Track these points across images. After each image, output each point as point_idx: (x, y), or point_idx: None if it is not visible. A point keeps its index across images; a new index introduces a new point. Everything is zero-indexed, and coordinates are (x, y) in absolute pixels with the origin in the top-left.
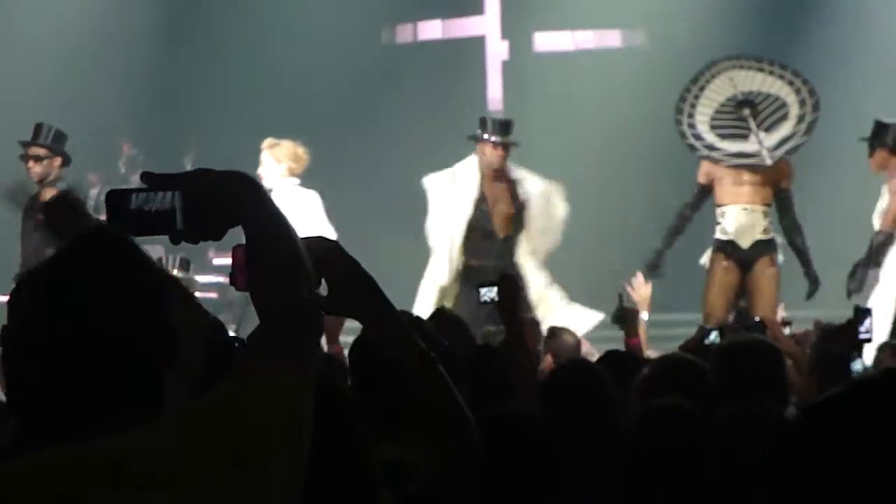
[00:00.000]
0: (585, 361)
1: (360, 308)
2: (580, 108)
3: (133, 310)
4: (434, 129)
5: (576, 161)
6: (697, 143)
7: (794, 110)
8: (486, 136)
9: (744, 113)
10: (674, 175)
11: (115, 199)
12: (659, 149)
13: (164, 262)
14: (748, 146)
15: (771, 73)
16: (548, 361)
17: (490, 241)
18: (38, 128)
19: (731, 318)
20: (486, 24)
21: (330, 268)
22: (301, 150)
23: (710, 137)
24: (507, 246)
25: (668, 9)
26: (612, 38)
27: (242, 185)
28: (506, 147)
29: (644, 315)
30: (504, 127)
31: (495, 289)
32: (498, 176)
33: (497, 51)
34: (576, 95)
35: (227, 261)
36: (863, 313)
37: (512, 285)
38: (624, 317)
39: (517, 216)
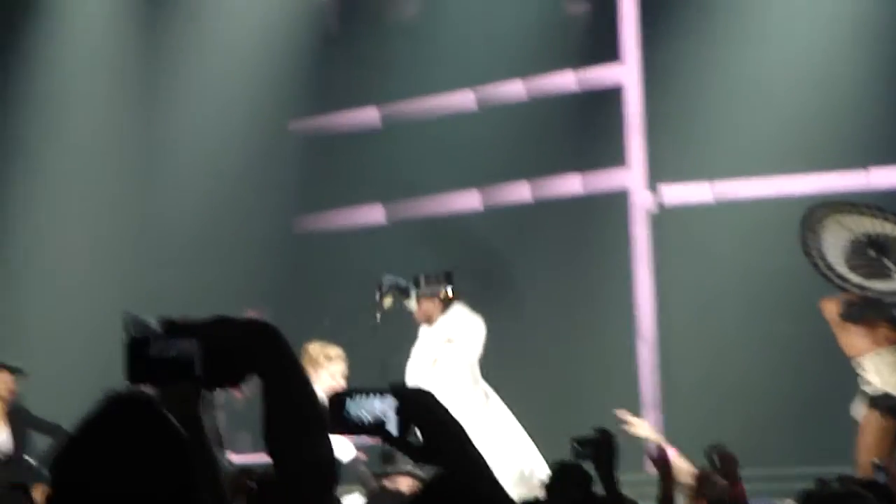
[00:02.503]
0: None
1: (450, 461)
2: (724, 258)
3: (164, 480)
4: (578, 285)
5: (721, 312)
6: (847, 285)
7: None
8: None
9: (871, 254)
10: (813, 322)
11: (136, 347)
12: (803, 292)
13: None
14: (894, 285)
15: (873, 216)
16: None
17: None
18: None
19: None
20: (631, 177)
21: (423, 419)
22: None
23: (856, 279)
24: None
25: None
26: (753, 188)
27: (261, 336)
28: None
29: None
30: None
31: (592, 445)
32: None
33: (642, 203)
34: (720, 246)
35: None
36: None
37: (611, 442)
38: (723, 462)
39: None
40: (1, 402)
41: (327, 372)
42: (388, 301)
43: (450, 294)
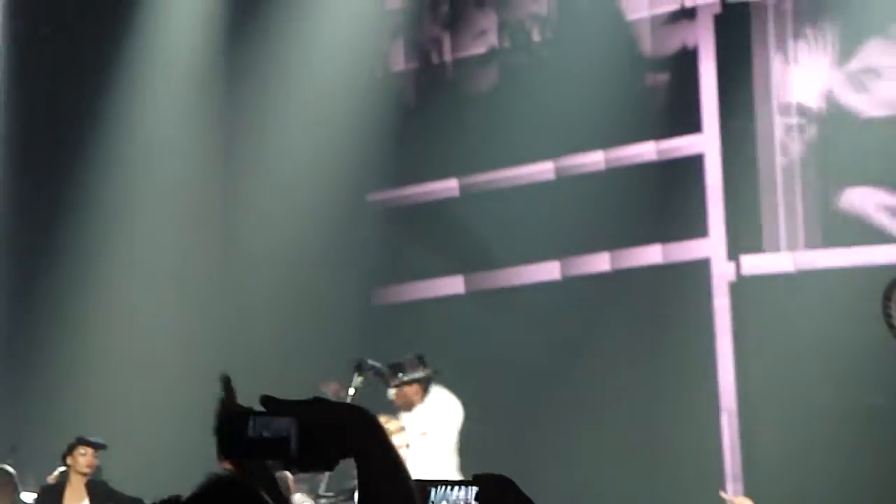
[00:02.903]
0: None
1: None
2: (806, 328)
3: None
4: (658, 355)
5: (803, 383)
6: None
7: None
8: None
9: None
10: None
11: (235, 422)
12: (888, 364)
13: None
14: None
15: None
16: None
17: None
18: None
19: None
20: (711, 247)
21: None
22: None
23: None
24: None
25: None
26: (834, 258)
27: (358, 420)
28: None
29: None
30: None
31: None
32: None
33: (723, 273)
34: (801, 316)
35: None
36: None
37: None
38: None
39: None
40: (81, 476)
41: None
42: (359, 380)
43: (424, 377)
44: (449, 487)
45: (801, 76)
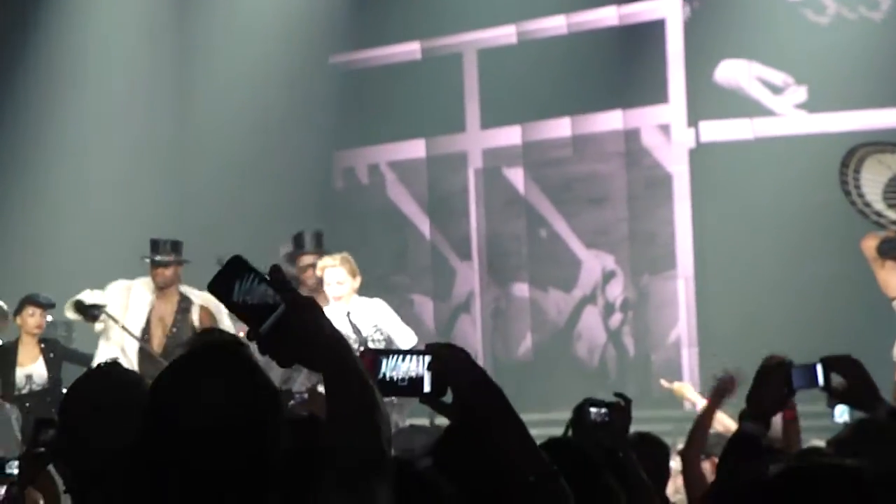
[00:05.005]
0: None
1: (483, 418)
2: (764, 196)
3: (237, 437)
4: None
5: (760, 249)
6: (883, 221)
7: None
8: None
9: None
10: (856, 258)
11: (235, 266)
12: (841, 232)
13: None
14: None
15: None
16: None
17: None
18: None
19: None
20: (672, 113)
21: (456, 375)
22: None
23: (893, 215)
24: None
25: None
26: (793, 125)
27: (335, 340)
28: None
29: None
30: (174, 246)
31: (606, 409)
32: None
33: (682, 139)
34: (759, 183)
35: None
36: None
37: (628, 409)
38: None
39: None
40: (32, 336)
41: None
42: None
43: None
44: (400, 357)
45: None
